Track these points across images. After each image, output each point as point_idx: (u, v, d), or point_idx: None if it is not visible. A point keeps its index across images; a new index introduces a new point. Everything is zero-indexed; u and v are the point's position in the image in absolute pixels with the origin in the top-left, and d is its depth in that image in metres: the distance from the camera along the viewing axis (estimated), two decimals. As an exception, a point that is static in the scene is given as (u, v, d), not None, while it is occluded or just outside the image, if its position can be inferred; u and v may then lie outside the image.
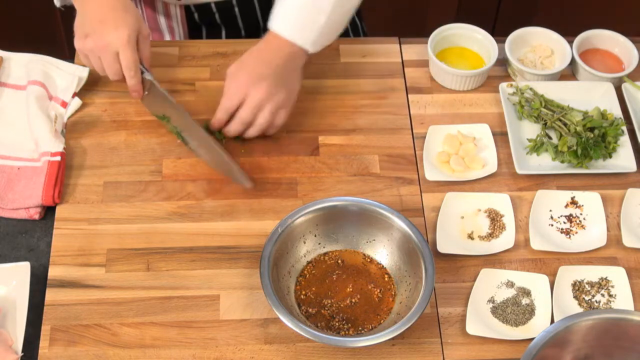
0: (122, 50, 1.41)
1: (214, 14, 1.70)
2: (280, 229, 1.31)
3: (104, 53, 1.42)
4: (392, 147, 1.51)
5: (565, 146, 1.48)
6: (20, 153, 1.46)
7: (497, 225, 1.41)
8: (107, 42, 1.41)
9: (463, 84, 1.58)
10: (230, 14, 1.71)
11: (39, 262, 1.35)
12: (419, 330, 1.30)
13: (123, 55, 1.41)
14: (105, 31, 1.41)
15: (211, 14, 1.70)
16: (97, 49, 1.42)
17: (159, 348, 1.27)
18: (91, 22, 1.42)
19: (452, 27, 1.62)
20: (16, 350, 1.23)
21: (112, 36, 1.40)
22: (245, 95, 1.43)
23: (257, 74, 1.43)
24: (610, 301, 1.34)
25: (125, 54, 1.41)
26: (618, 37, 1.63)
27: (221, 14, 1.71)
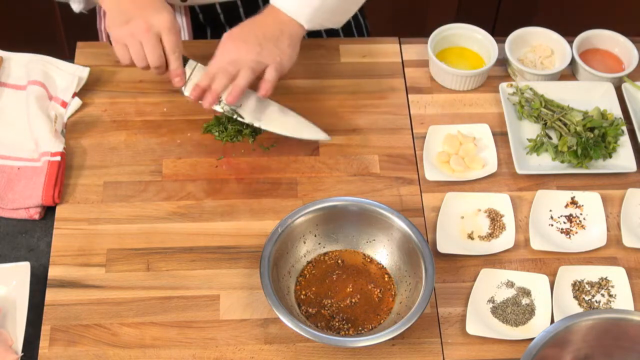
0: (167, 33, 1.39)
1: (218, 14, 1.70)
2: (280, 229, 1.31)
3: (146, 36, 1.38)
4: (392, 147, 1.51)
5: (565, 146, 1.48)
6: (20, 153, 1.46)
7: (497, 225, 1.41)
8: (151, 24, 1.38)
9: (463, 84, 1.58)
10: (235, 14, 1.71)
11: (39, 262, 1.35)
12: (419, 330, 1.30)
13: (167, 38, 1.39)
14: (147, 15, 1.38)
15: (216, 14, 1.70)
16: (139, 32, 1.38)
17: (159, 348, 1.27)
18: (129, 9, 1.39)
19: (452, 27, 1.62)
20: (16, 350, 1.23)
21: (156, 19, 1.38)
22: (228, 55, 1.40)
23: (242, 38, 1.41)
24: (610, 301, 1.34)
25: (169, 36, 1.39)
26: (618, 37, 1.63)
27: (226, 14, 1.71)
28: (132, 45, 1.40)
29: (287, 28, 1.44)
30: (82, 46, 1.62)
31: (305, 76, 1.58)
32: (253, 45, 1.41)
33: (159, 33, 1.39)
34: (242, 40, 1.41)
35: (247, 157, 1.48)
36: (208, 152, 1.49)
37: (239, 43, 1.41)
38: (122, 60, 1.42)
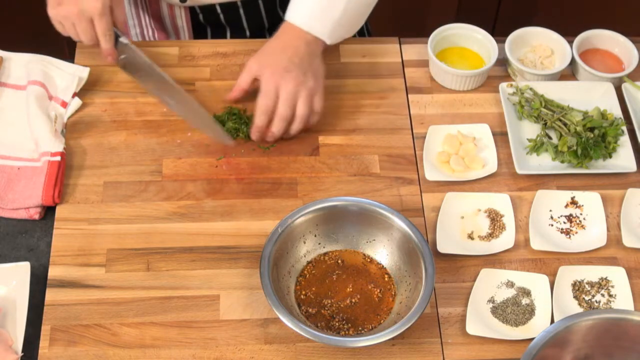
0: (97, 18, 1.42)
1: (218, 14, 1.70)
2: (280, 229, 1.31)
3: (78, 20, 1.43)
4: (392, 147, 1.51)
5: (565, 146, 1.48)
6: (20, 153, 1.46)
7: (497, 225, 1.41)
8: (81, 8, 1.42)
9: (463, 84, 1.58)
10: (235, 15, 1.71)
11: (39, 262, 1.35)
12: (419, 330, 1.30)
13: (97, 23, 1.42)
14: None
15: (216, 15, 1.70)
16: (71, 15, 1.43)
17: (159, 348, 1.27)
18: None
19: (452, 27, 1.62)
20: (16, 350, 1.23)
21: (86, 3, 1.41)
22: (277, 90, 1.43)
23: (282, 66, 1.43)
24: (610, 301, 1.34)
25: (99, 22, 1.42)
26: (618, 37, 1.63)
27: (226, 15, 1.71)
28: (67, 26, 1.45)
29: (313, 48, 1.46)
30: (82, 46, 1.62)
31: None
32: (296, 75, 1.43)
33: (90, 17, 1.42)
34: (283, 69, 1.43)
35: (247, 157, 1.48)
36: (208, 152, 1.49)
37: (281, 71, 1.42)
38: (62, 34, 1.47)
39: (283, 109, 1.43)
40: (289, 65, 1.43)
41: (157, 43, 1.66)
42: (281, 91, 1.42)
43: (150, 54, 1.60)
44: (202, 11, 1.70)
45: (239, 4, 1.69)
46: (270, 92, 1.43)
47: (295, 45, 1.45)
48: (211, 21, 1.73)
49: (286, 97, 1.43)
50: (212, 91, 1.56)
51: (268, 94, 1.43)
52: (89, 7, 1.41)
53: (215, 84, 1.57)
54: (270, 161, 1.48)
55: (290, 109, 1.43)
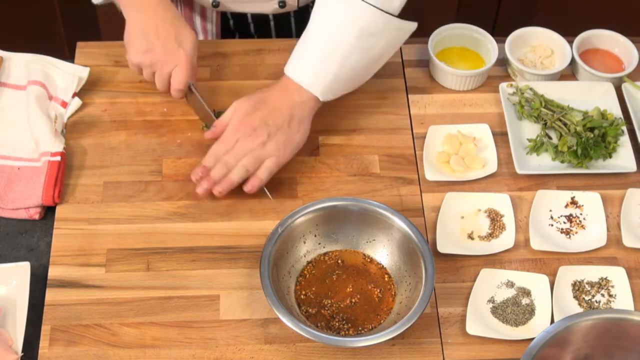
0: (178, 72, 1.43)
1: (249, 24, 1.71)
2: (280, 229, 1.31)
3: (160, 70, 1.44)
4: (392, 147, 1.51)
5: (565, 146, 1.48)
6: (20, 153, 1.46)
7: (497, 225, 1.41)
8: (166, 61, 1.43)
9: (463, 84, 1.58)
10: (265, 26, 1.71)
11: (39, 262, 1.35)
12: (419, 330, 1.30)
13: (177, 79, 1.44)
14: (167, 49, 1.43)
15: (246, 24, 1.71)
16: (155, 65, 1.44)
17: (159, 348, 1.27)
18: (150, 37, 1.43)
19: (452, 27, 1.62)
20: (16, 350, 1.23)
21: (173, 57, 1.43)
22: (236, 141, 1.40)
23: (252, 123, 1.40)
24: (610, 301, 1.34)
25: (179, 78, 1.44)
26: (618, 37, 1.63)
27: (256, 25, 1.71)
28: (145, 71, 1.47)
29: (299, 111, 1.42)
30: (82, 46, 1.62)
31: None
32: (261, 135, 1.39)
33: (171, 70, 1.44)
34: (251, 127, 1.40)
35: (247, 157, 1.48)
36: (208, 152, 1.49)
37: (248, 129, 1.40)
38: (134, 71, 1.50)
39: (228, 157, 1.40)
40: (259, 124, 1.40)
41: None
42: (237, 144, 1.40)
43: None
44: (233, 17, 1.70)
45: (270, 16, 1.69)
46: (228, 140, 1.40)
47: (280, 104, 1.42)
48: (240, 29, 1.73)
49: (237, 151, 1.39)
50: (212, 91, 1.56)
51: (225, 142, 1.41)
52: (174, 62, 1.43)
53: (215, 84, 1.57)
54: (270, 161, 1.48)
55: (236, 162, 1.39)
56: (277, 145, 1.40)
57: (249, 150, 1.39)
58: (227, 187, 1.39)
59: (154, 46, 1.43)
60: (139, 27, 1.44)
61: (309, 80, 1.42)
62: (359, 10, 1.40)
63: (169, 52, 1.43)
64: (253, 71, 1.60)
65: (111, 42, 1.63)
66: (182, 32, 1.44)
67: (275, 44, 1.64)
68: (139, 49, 1.44)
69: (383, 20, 1.42)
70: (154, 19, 1.44)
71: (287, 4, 1.65)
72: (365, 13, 1.40)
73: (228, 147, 1.40)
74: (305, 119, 1.43)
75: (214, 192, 1.39)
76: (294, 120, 1.42)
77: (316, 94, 1.43)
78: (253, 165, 1.39)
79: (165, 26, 1.44)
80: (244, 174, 1.39)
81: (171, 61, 1.44)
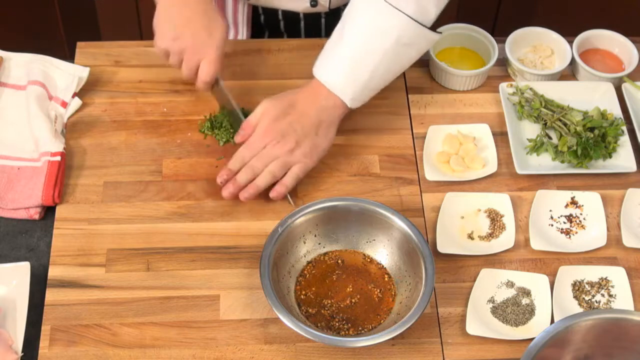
0: (206, 63, 1.42)
1: (279, 20, 1.71)
2: (280, 229, 1.31)
3: (188, 58, 1.43)
4: (392, 147, 1.51)
5: (565, 146, 1.48)
6: (20, 153, 1.46)
7: (497, 225, 1.41)
8: (195, 51, 1.42)
9: (463, 84, 1.58)
10: (295, 25, 1.71)
11: (39, 262, 1.35)
12: (419, 330, 1.30)
13: (205, 70, 1.42)
14: (197, 38, 1.41)
15: (277, 21, 1.71)
16: (184, 53, 1.42)
17: (159, 348, 1.27)
18: (180, 25, 1.42)
19: (452, 27, 1.62)
20: (16, 350, 1.23)
21: (203, 48, 1.41)
22: (264, 146, 1.40)
23: (279, 128, 1.39)
24: (610, 301, 1.34)
25: (207, 70, 1.42)
26: (618, 37, 1.63)
27: (286, 22, 1.71)
28: (173, 57, 1.44)
29: (327, 116, 1.42)
30: (82, 46, 1.62)
31: (305, 76, 1.58)
32: (289, 142, 1.39)
33: (200, 59, 1.42)
34: (279, 133, 1.39)
35: (247, 157, 1.48)
36: (208, 152, 1.49)
37: (277, 134, 1.39)
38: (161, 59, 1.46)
39: (255, 162, 1.39)
40: (287, 130, 1.40)
41: (157, 43, 1.65)
42: (265, 149, 1.39)
43: (151, 54, 1.61)
44: (265, 13, 1.70)
45: (301, 15, 1.69)
46: (255, 145, 1.40)
47: (309, 109, 1.41)
48: (271, 25, 1.73)
49: (264, 156, 1.39)
50: (212, 91, 1.56)
51: (252, 146, 1.40)
52: (203, 53, 1.41)
53: (215, 84, 1.57)
54: (270, 161, 1.48)
55: (263, 167, 1.39)
56: (304, 151, 1.40)
57: (277, 157, 1.39)
58: (253, 192, 1.39)
59: (184, 34, 1.42)
60: (170, 14, 1.43)
61: (340, 85, 1.42)
62: (396, 20, 1.39)
63: (198, 43, 1.42)
64: (254, 72, 1.60)
65: (111, 42, 1.63)
66: (213, 23, 1.43)
67: (275, 44, 1.64)
68: (167, 35, 1.42)
69: (417, 31, 1.41)
70: (186, 7, 1.43)
71: (319, 4, 1.64)
72: (403, 23, 1.39)
73: (255, 152, 1.40)
74: (333, 125, 1.43)
75: (240, 197, 1.38)
76: (321, 127, 1.42)
77: (345, 100, 1.42)
78: (280, 171, 1.39)
79: (197, 16, 1.42)
80: (271, 179, 1.39)
81: (200, 52, 1.42)
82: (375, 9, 1.40)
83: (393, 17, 1.39)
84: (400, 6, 1.39)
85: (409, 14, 1.39)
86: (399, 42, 1.40)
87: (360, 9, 1.42)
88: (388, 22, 1.40)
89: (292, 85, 1.55)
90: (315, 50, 1.62)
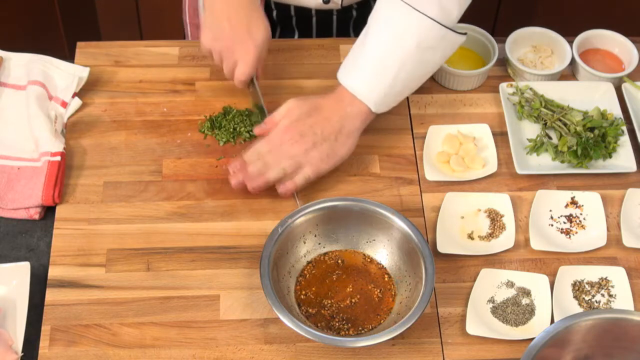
0: (243, 64, 1.43)
1: (292, 17, 1.71)
2: (280, 229, 1.31)
3: (228, 58, 1.44)
4: (392, 147, 1.51)
5: (565, 146, 1.48)
6: (20, 153, 1.46)
7: (497, 225, 1.41)
8: (235, 50, 1.43)
9: (463, 84, 1.58)
10: (307, 21, 1.71)
11: (39, 262, 1.35)
12: (419, 330, 1.30)
13: (240, 70, 1.44)
14: (238, 39, 1.43)
15: (289, 17, 1.71)
16: (224, 53, 1.44)
17: (159, 348, 1.27)
18: (222, 24, 1.43)
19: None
20: (16, 350, 1.23)
21: (243, 49, 1.43)
22: (280, 144, 1.40)
23: (299, 129, 1.40)
24: (610, 301, 1.34)
25: (242, 69, 1.44)
26: (618, 37, 1.63)
27: (298, 19, 1.71)
28: (215, 57, 1.46)
29: (349, 123, 1.42)
30: (82, 46, 1.62)
31: (305, 76, 1.58)
32: (306, 143, 1.39)
33: (237, 60, 1.44)
34: (299, 132, 1.39)
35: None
36: (208, 152, 1.49)
37: (295, 134, 1.39)
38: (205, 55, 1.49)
39: (269, 157, 1.39)
40: (307, 131, 1.39)
41: (158, 43, 1.65)
42: (282, 146, 1.39)
43: (151, 54, 1.61)
44: (277, 8, 1.70)
45: (313, 12, 1.69)
46: (273, 141, 1.40)
47: (332, 115, 1.41)
48: (283, 21, 1.73)
49: (280, 153, 1.39)
50: (212, 91, 1.56)
51: (270, 142, 1.40)
52: (241, 54, 1.43)
53: (215, 84, 1.57)
54: (270, 161, 1.48)
55: (276, 163, 1.39)
56: (320, 155, 1.40)
57: (292, 156, 1.39)
58: (262, 184, 1.39)
59: (225, 33, 1.43)
60: (213, 11, 1.44)
61: (363, 90, 1.41)
62: (418, 22, 1.38)
63: (238, 42, 1.43)
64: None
65: (111, 42, 1.64)
66: (255, 22, 1.43)
67: (274, 44, 1.64)
68: (210, 34, 1.44)
69: (441, 33, 1.40)
70: (229, 5, 1.43)
71: (332, 1, 1.64)
72: (424, 25, 1.39)
73: (272, 148, 1.40)
74: (354, 133, 1.43)
75: (249, 187, 1.39)
76: (342, 133, 1.41)
77: (369, 105, 1.42)
78: (292, 169, 1.39)
79: (239, 14, 1.43)
80: (281, 174, 1.39)
81: (239, 51, 1.43)
82: (397, 12, 1.40)
83: (415, 19, 1.39)
84: (422, 9, 1.38)
85: (431, 16, 1.38)
86: (421, 45, 1.39)
87: (382, 12, 1.42)
88: (410, 25, 1.39)
89: (293, 85, 1.57)
90: (316, 50, 1.62)
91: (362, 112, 1.42)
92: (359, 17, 1.72)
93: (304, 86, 1.56)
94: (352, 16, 1.71)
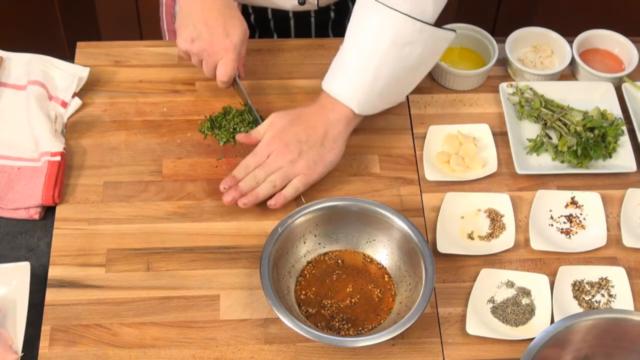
0: (223, 64, 1.44)
1: (269, 20, 1.71)
2: (280, 229, 1.31)
3: (207, 59, 1.45)
4: (392, 147, 1.51)
5: (565, 146, 1.48)
6: (20, 153, 1.46)
7: (497, 225, 1.41)
8: (213, 51, 1.44)
9: (463, 84, 1.58)
10: (285, 24, 1.71)
11: (39, 262, 1.35)
12: (419, 330, 1.30)
13: (222, 71, 1.45)
14: (215, 40, 1.43)
15: (267, 20, 1.71)
16: (202, 54, 1.45)
17: (159, 348, 1.27)
18: (199, 25, 1.43)
19: (452, 27, 1.62)
20: (16, 350, 1.24)
21: (220, 48, 1.43)
22: (268, 156, 1.40)
23: (284, 139, 1.40)
24: (610, 301, 1.34)
25: (223, 70, 1.45)
26: (618, 37, 1.63)
27: (276, 22, 1.71)
28: (193, 58, 1.48)
29: (333, 128, 1.42)
30: (82, 46, 1.62)
31: (305, 76, 1.58)
32: (292, 152, 1.39)
33: (217, 61, 1.45)
34: (283, 143, 1.40)
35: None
36: (208, 152, 1.49)
37: (280, 145, 1.40)
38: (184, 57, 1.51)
39: (258, 171, 1.39)
40: (292, 141, 1.40)
41: (158, 43, 1.65)
42: (269, 159, 1.40)
43: (151, 54, 1.61)
44: (255, 12, 1.70)
45: (290, 14, 1.69)
46: (260, 154, 1.40)
47: (316, 122, 1.41)
48: (261, 24, 1.73)
49: (267, 166, 1.39)
50: (212, 91, 1.56)
51: (257, 155, 1.41)
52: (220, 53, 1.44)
53: (215, 84, 1.57)
54: (270, 161, 1.48)
55: (265, 176, 1.39)
56: (307, 163, 1.40)
57: (279, 167, 1.39)
58: (252, 200, 1.39)
59: (202, 35, 1.43)
60: (189, 12, 1.45)
61: (344, 93, 1.42)
62: (391, 18, 1.39)
63: (216, 43, 1.43)
64: (256, 71, 1.60)
65: (111, 42, 1.64)
66: (231, 22, 1.44)
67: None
68: (186, 36, 1.44)
69: (416, 27, 1.40)
70: (203, 5, 1.43)
71: (307, 2, 1.64)
72: (397, 21, 1.39)
73: (259, 161, 1.40)
74: (340, 137, 1.43)
75: (239, 203, 1.38)
76: (327, 139, 1.42)
77: (352, 107, 1.42)
78: (281, 182, 1.39)
79: (215, 15, 1.43)
80: (271, 189, 1.39)
81: (218, 52, 1.44)
82: (371, 11, 1.40)
83: (387, 16, 1.39)
84: (394, 5, 1.39)
85: (404, 11, 1.39)
86: (397, 41, 1.40)
87: (357, 14, 1.43)
88: (383, 22, 1.39)
89: (293, 85, 1.56)
90: (316, 50, 1.62)
91: (345, 116, 1.43)
92: (337, 19, 1.72)
93: (304, 86, 1.56)
94: (330, 18, 1.71)
